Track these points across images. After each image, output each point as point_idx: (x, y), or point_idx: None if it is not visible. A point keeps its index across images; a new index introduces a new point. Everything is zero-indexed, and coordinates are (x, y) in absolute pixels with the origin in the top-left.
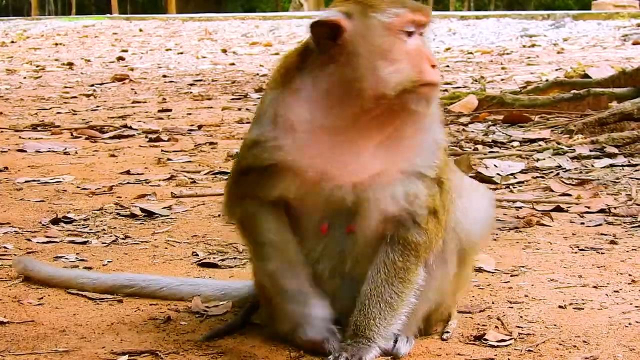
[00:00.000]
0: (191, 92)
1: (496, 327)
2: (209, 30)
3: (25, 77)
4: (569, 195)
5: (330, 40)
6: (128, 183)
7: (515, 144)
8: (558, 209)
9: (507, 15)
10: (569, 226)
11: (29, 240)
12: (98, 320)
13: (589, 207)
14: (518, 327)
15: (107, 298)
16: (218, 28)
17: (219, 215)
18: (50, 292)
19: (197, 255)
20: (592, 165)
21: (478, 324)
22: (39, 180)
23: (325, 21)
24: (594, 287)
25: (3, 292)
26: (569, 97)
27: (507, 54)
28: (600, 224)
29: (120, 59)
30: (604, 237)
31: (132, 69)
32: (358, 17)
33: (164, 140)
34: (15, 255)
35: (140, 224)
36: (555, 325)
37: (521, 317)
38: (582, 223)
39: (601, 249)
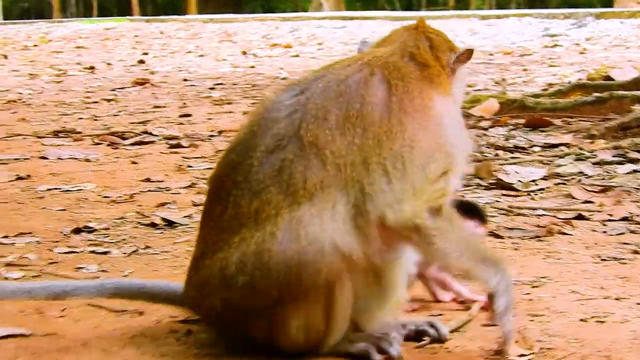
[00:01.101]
0: (211, 96)
1: (517, 341)
2: (229, 32)
3: (47, 82)
4: (591, 202)
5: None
6: (149, 191)
7: (537, 149)
8: (580, 217)
9: (528, 14)
10: (590, 235)
11: (50, 250)
12: (119, 333)
13: (611, 215)
14: (539, 341)
15: (128, 310)
16: (238, 30)
17: None
18: (72, 304)
19: None
20: (615, 172)
21: (499, 338)
22: (60, 188)
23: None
24: (616, 299)
25: (26, 303)
26: (591, 100)
27: (529, 54)
28: (622, 233)
29: (141, 62)
30: (626, 246)
31: (152, 73)
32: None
33: (185, 147)
34: (37, 265)
35: (161, 233)
36: (576, 339)
37: (542, 330)
38: (604, 232)
39: (623, 259)
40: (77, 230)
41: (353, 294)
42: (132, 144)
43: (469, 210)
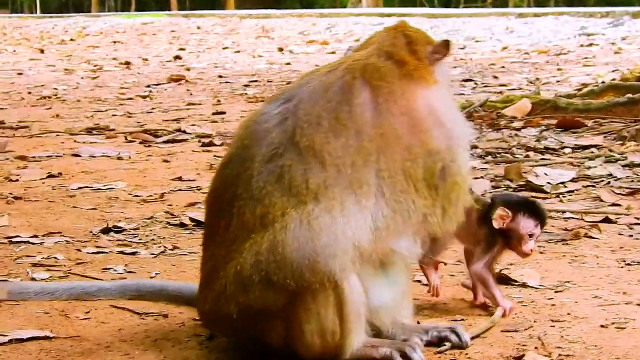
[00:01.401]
0: (246, 94)
1: (536, 347)
2: (267, 28)
3: (82, 78)
4: (619, 205)
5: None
6: (180, 190)
7: (568, 151)
8: (607, 221)
9: (565, 13)
10: (617, 239)
11: (79, 250)
12: (143, 336)
13: (638, 219)
14: (558, 347)
15: (152, 313)
16: (275, 26)
17: None
18: (97, 306)
19: None
20: None
21: (519, 344)
22: (92, 187)
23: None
24: (638, 305)
25: (51, 305)
26: (624, 101)
27: (564, 54)
28: None
29: (178, 58)
30: None
31: (188, 69)
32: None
33: (217, 145)
34: (65, 266)
35: (190, 234)
36: (595, 346)
37: (562, 337)
38: (631, 235)
39: None
40: (106, 231)
41: (362, 289)
42: (165, 142)
43: (533, 209)
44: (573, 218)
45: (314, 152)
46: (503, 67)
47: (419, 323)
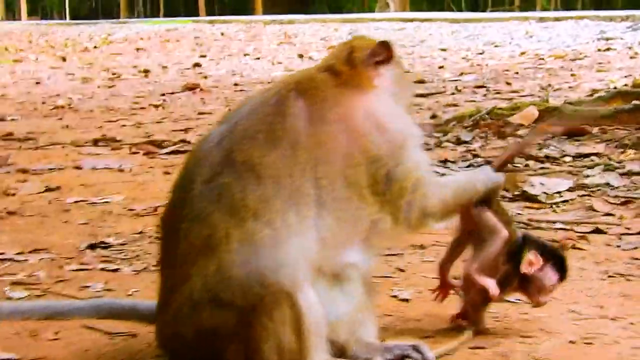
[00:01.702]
0: None
1: None
2: (289, 33)
3: (99, 86)
4: (612, 215)
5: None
6: None
7: (568, 159)
8: (597, 231)
9: (585, 16)
10: (604, 249)
11: (61, 267)
12: (108, 357)
13: (629, 229)
14: None
15: (122, 332)
16: (298, 31)
17: None
18: (69, 326)
19: None
20: None
21: None
22: (87, 201)
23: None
24: (612, 319)
25: (23, 325)
26: (629, 108)
27: (580, 59)
28: (636, 247)
29: (197, 65)
30: (636, 262)
31: (206, 77)
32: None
33: None
34: (45, 284)
35: None
36: None
37: (528, 354)
38: (619, 246)
39: (631, 275)
40: (92, 246)
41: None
42: (167, 153)
43: (561, 263)
44: (563, 229)
45: (250, 166)
46: (517, 72)
47: (384, 341)
